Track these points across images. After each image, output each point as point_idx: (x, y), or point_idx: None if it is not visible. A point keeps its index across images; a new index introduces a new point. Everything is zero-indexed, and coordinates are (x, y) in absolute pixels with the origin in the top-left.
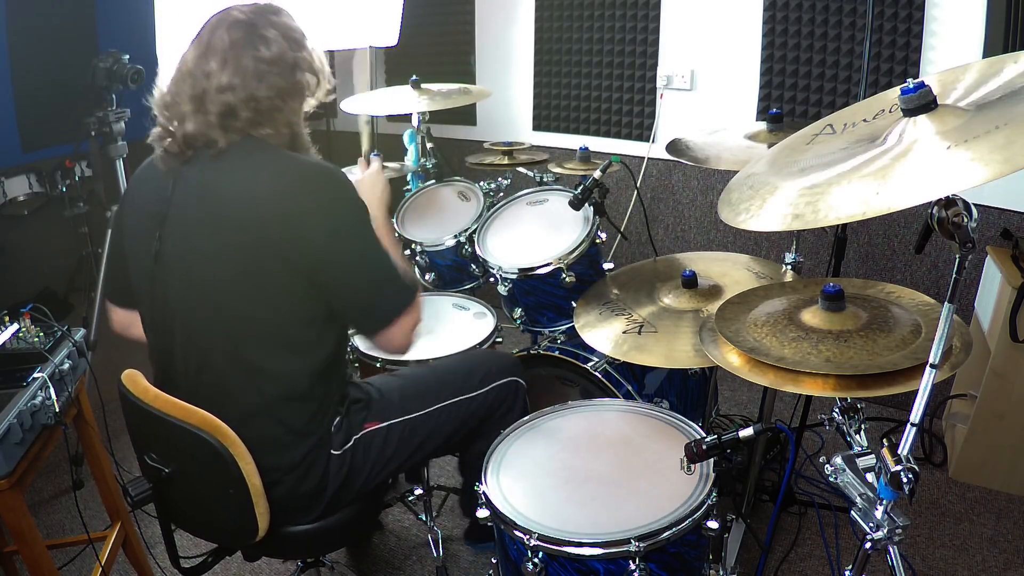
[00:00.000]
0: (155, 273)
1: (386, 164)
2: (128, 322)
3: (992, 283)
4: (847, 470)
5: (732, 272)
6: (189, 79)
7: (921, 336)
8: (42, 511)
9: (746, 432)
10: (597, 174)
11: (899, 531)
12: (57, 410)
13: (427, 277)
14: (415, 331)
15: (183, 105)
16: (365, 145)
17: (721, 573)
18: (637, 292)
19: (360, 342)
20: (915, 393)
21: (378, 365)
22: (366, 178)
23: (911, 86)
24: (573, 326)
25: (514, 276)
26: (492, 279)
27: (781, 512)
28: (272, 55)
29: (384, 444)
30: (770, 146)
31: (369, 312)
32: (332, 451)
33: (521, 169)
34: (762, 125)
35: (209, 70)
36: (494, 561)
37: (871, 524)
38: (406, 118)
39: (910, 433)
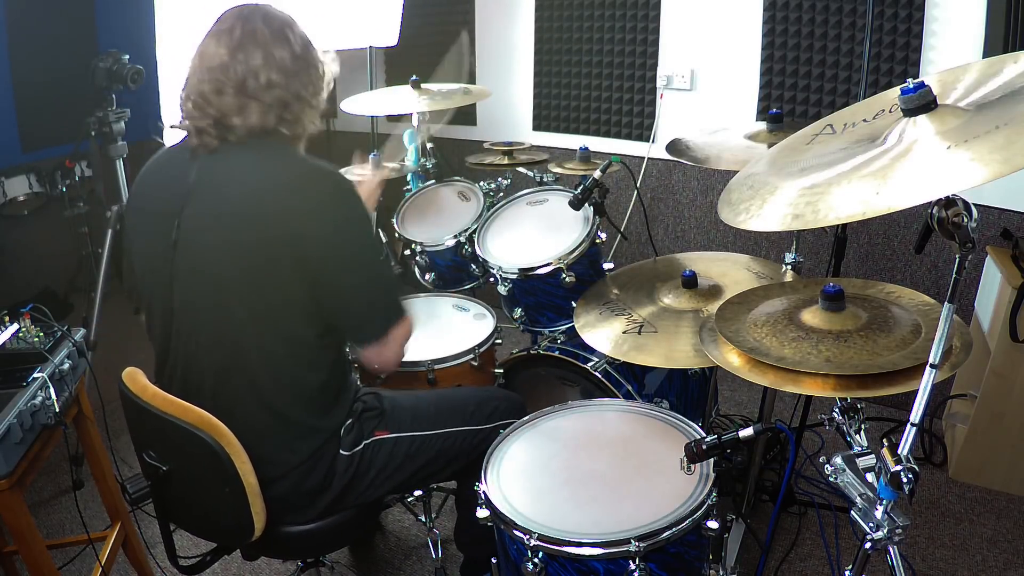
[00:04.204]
0: (169, 266)
1: (386, 164)
2: None
3: (992, 283)
4: (847, 470)
5: (732, 272)
6: (227, 71)
7: (921, 336)
8: (42, 511)
9: (746, 432)
10: (597, 174)
11: (899, 531)
12: (57, 410)
13: (427, 277)
14: (405, 346)
15: (227, 97)
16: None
17: (721, 573)
18: (637, 292)
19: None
20: (915, 393)
21: (376, 366)
22: (366, 184)
23: (911, 86)
24: (573, 326)
25: (514, 276)
26: (492, 279)
27: (781, 512)
28: (298, 52)
29: (391, 455)
30: (770, 146)
31: (366, 319)
32: (341, 451)
33: (521, 169)
34: (762, 125)
35: (254, 64)
36: (494, 561)
37: (871, 524)
38: (406, 118)
39: (910, 433)
